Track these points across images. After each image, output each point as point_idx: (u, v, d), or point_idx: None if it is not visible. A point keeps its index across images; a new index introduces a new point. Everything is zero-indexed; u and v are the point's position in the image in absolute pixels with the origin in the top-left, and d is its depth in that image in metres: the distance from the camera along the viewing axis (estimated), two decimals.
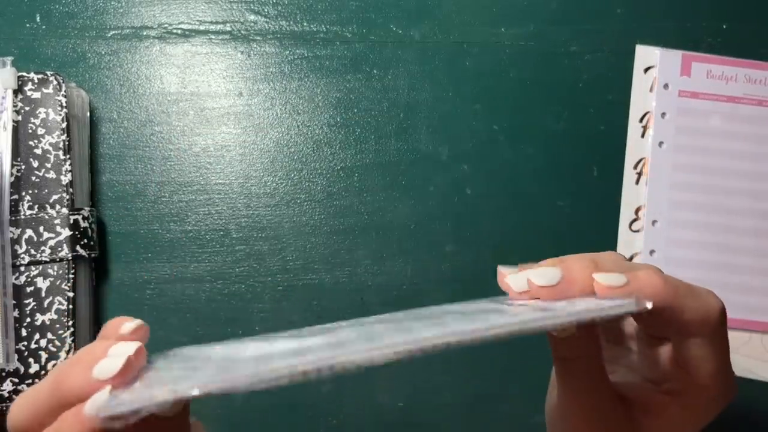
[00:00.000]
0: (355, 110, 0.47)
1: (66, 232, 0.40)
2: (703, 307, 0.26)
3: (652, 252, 0.46)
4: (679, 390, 0.28)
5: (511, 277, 0.26)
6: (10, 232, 0.40)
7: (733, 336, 0.46)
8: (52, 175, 0.41)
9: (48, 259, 0.40)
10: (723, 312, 0.27)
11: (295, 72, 0.47)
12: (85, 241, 0.41)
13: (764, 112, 0.47)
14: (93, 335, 0.43)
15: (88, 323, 0.43)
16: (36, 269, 0.40)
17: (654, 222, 0.46)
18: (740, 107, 0.47)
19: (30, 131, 0.41)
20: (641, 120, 0.47)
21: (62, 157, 0.41)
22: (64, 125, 0.41)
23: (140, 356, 0.22)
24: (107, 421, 0.19)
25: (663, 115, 0.47)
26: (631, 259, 0.46)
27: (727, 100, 0.47)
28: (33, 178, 0.41)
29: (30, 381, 0.39)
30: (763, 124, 0.47)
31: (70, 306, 0.40)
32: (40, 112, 0.41)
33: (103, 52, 0.46)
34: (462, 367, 0.46)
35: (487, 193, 0.47)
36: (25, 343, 0.40)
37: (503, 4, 0.48)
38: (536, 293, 0.25)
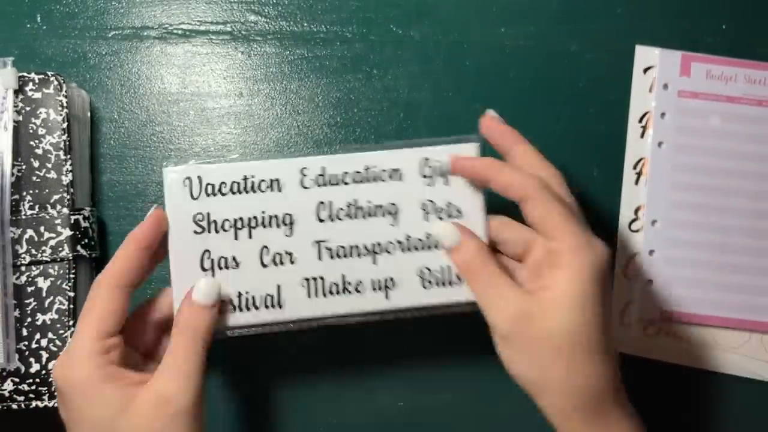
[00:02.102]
0: (355, 110, 0.47)
1: (67, 232, 0.41)
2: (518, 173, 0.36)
3: (651, 252, 0.46)
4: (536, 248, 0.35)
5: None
6: (11, 232, 0.40)
7: (732, 336, 0.46)
8: (52, 175, 0.41)
9: (49, 259, 0.40)
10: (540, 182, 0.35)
11: (295, 72, 0.47)
12: (86, 241, 0.41)
13: (764, 113, 0.47)
14: None
15: None
16: (37, 269, 0.40)
17: (653, 222, 0.46)
18: (740, 107, 0.47)
19: (31, 131, 0.41)
20: (641, 120, 0.47)
21: (63, 157, 0.41)
22: (64, 125, 0.41)
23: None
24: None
25: (662, 115, 0.47)
26: (631, 259, 0.46)
27: (726, 100, 0.47)
28: (34, 178, 0.41)
29: (31, 381, 0.39)
30: (763, 124, 0.47)
31: (71, 306, 0.40)
32: (40, 113, 0.41)
33: (103, 53, 0.46)
34: (462, 367, 0.46)
35: (486, 192, 0.47)
36: (26, 342, 0.40)
37: (503, 4, 0.48)
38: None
